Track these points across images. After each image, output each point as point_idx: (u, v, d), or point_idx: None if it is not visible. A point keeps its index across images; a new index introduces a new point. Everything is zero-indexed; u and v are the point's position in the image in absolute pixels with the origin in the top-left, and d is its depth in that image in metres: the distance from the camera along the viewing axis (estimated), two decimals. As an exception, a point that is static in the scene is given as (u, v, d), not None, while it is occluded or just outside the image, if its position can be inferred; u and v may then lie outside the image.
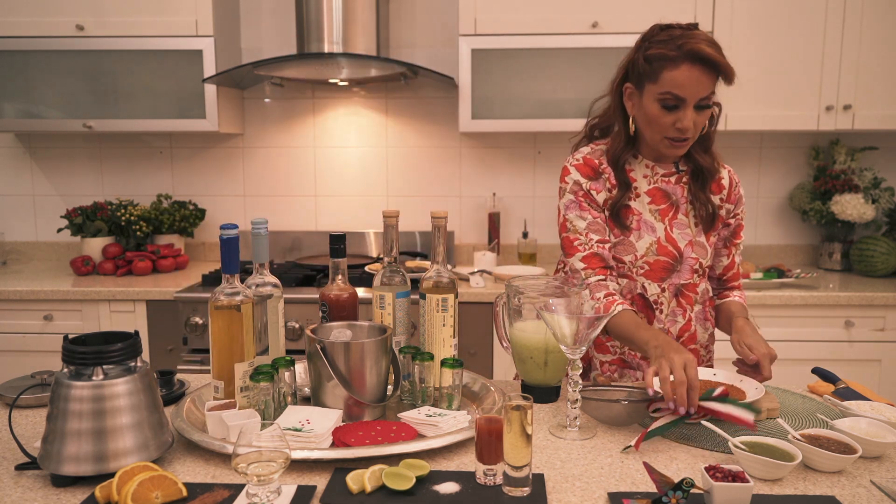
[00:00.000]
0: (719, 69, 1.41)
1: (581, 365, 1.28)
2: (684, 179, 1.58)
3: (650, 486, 1.08)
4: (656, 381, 1.30)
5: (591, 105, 1.68)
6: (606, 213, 1.56)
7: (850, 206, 2.87)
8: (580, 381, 1.27)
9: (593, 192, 1.55)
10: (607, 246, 1.55)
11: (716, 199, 1.59)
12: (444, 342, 1.41)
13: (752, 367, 1.41)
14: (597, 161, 1.57)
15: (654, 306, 1.57)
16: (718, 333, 1.68)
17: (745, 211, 1.66)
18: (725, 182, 1.61)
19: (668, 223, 1.56)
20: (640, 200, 1.56)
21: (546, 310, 1.28)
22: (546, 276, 1.78)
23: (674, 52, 1.44)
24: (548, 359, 1.43)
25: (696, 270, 1.58)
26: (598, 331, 1.26)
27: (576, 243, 1.54)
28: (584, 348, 1.26)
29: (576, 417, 1.27)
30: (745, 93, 2.75)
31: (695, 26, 1.49)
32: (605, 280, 1.52)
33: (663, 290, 1.57)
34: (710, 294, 1.67)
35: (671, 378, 1.24)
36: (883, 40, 2.70)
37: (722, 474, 1.01)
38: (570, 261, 1.55)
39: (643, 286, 1.56)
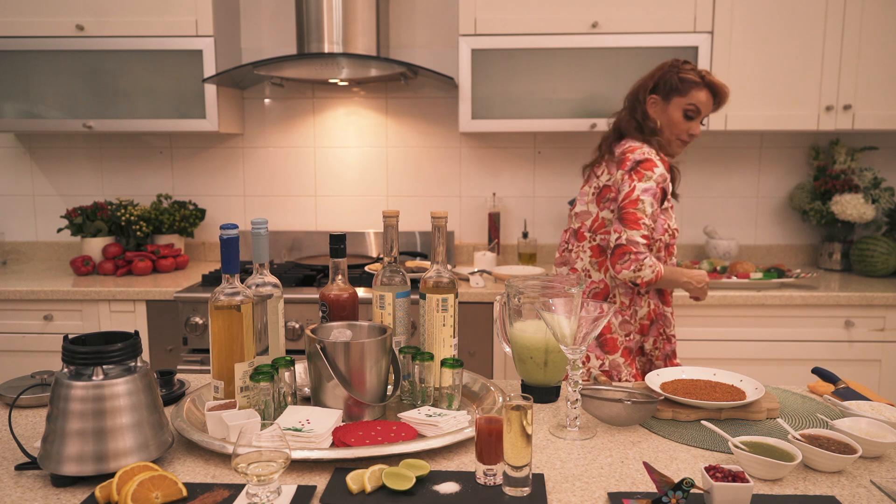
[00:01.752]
0: (722, 101, 2.01)
1: (581, 365, 1.29)
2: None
3: (650, 486, 1.08)
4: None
5: (609, 119, 2.19)
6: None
7: (850, 206, 2.87)
8: (580, 382, 1.28)
9: (666, 188, 1.93)
10: (655, 235, 1.94)
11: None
12: (444, 342, 1.41)
13: None
14: (658, 159, 1.96)
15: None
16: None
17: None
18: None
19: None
20: (655, 196, 1.94)
21: (546, 309, 1.29)
22: (546, 275, 1.80)
23: (700, 79, 1.99)
24: (548, 359, 1.43)
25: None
26: (598, 331, 1.26)
27: (640, 221, 1.87)
28: (583, 348, 1.27)
29: (576, 417, 1.27)
30: (745, 93, 2.76)
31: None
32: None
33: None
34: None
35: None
36: (883, 40, 2.70)
37: (722, 474, 1.01)
38: (629, 232, 1.86)
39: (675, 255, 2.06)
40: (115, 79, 2.86)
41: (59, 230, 3.08)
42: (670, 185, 1.98)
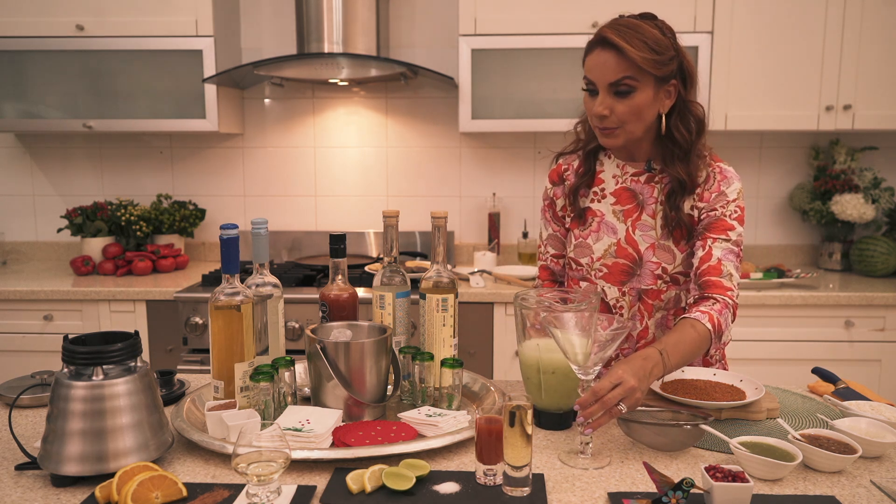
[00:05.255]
0: (621, 50, 1.37)
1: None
2: (656, 179, 1.50)
3: (650, 486, 1.08)
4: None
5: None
6: (569, 217, 1.58)
7: (850, 206, 2.87)
8: None
9: (554, 198, 1.60)
10: (561, 261, 1.62)
11: (688, 203, 1.47)
12: (444, 342, 1.41)
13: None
14: (565, 166, 1.61)
15: (614, 310, 1.51)
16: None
17: (730, 208, 1.46)
18: (701, 180, 1.47)
19: (630, 224, 1.50)
20: (604, 202, 1.53)
21: (555, 325, 1.18)
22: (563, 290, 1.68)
23: (591, 39, 1.45)
24: (542, 380, 1.31)
25: (660, 276, 1.48)
26: (614, 350, 1.16)
27: (539, 250, 1.66)
28: (597, 369, 1.17)
29: (588, 443, 1.18)
30: (746, 93, 2.76)
31: (643, 15, 1.45)
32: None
33: (623, 293, 1.50)
34: (684, 303, 1.51)
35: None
36: (883, 40, 2.70)
37: (722, 474, 1.01)
38: None
39: (603, 290, 1.51)
40: (115, 79, 2.86)
41: (59, 230, 3.07)
42: (557, 199, 1.59)
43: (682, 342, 1.31)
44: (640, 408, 1.26)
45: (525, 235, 3.10)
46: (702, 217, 1.46)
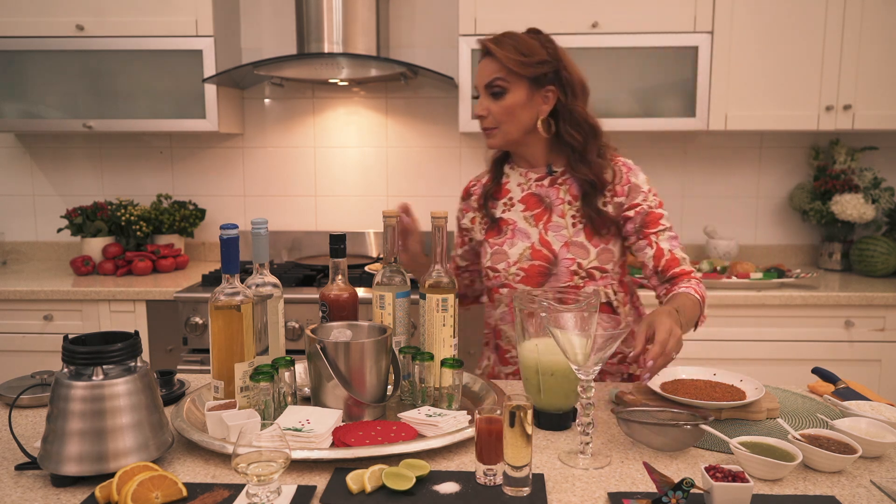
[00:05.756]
0: (493, 53, 1.51)
1: (594, 386, 1.17)
2: (560, 181, 1.60)
3: (650, 486, 1.08)
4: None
5: None
6: (483, 227, 1.67)
7: (850, 206, 2.87)
8: (593, 404, 1.17)
9: (461, 212, 1.73)
10: (464, 275, 1.78)
11: (600, 199, 1.56)
12: (444, 342, 1.41)
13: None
14: (472, 182, 1.72)
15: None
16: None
17: (650, 199, 1.56)
18: (609, 176, 1.57)
19: (542, 227, 1.58)
20: (514, 210, 1.62)
21: (554, 325, 1.18)
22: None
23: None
24: (541, 382, 1.31)
25: (576, 272, 1.55)
26: (614, 348, 1.16)
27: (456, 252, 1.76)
28: (598, 368, 1.16)
29: (588, 443, 1.17)
30: (746, 93, 2.76)
31: (528, 30, 1.60)
32: None
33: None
34: (608, 300, 1.57)
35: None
36: (883, 40, 2.70)
37: (722, 474, 1.01)
38: None
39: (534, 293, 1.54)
40: (115, 79, 2.86)
41: (59, 230, 3.07)
42: (467, 213, 1.70)
43: (686, 307, 1.42)
44: (640, 408, 1.28)
45: (525, 235, 3.10)
46: (626, 214, 1.56)
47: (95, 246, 2.97)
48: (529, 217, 1.59)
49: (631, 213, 1.56)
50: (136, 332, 1.18)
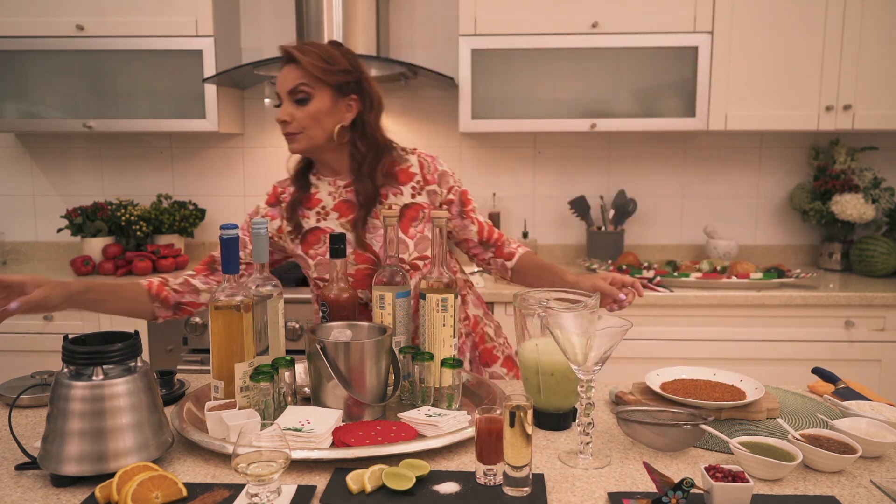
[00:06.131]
0: (295, 60, 1.53)
1: (594, 386, 1.17)
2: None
3: (650, 486, 1.08)
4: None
5: None
6: (289, 237, 1.64)
7: (850, 206, 2.87)
8: (594, 404, 1.17)
9: (265, 217, 1.63)
10: (200, 279, 1.62)
11: (406, 189, 1.61)
12: (444, 342, 1.41)
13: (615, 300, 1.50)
14: (280, 189, 1.69)
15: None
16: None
17: (457, 181, 1.66)
18: (415, 168, 1.63)
19: (359, 231, 1.59)
20: (329, 219, 1.62)
21: (554, 324, 1.19)
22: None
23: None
24: (541, 382, 1.31)
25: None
26: (615, 348, 1.15)
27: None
28: (598, 368, 1.16)
29: (588, 443, 1.17)
30: (746, 93, 2.76)
31: (330, 42, 1.62)
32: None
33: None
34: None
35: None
36: (883, 40, 2.70)
37: (722, 474, 1.01)
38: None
39: (359, 295, 1.56)
40: (115, 79, 2.86)
41: (59, 230, 3.07)
42: (273, 221, 1.66)
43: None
44: (640, 408, 1.28)
45: (525, 235, 3.10)
46: (449, 198, 1.64)
47: (95, 246, 2.97)
48: (346, 224, 1.60)
49: (452, 197, 1.65)
50: (136, 332, 1.19)
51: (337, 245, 1.44)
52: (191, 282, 1.60)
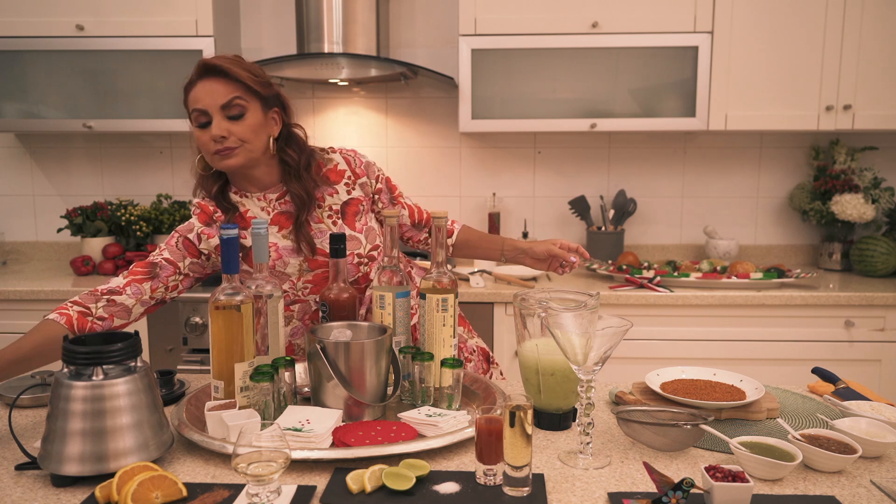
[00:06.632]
0: (227, 74, 1.48)
1: (594, 386, 1.17)
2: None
3: (650, 486, 1.08)
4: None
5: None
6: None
7: (850, 206, 2.87)
8: (594, 404, 1.17)
9: (203, 235, 1.59)
10: (145, 296, 1.54)
11: (341, 188, 1.61)
12: (444, 342, 1.41)
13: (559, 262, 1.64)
14: (212, 208, 1.63)
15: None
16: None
17: (380, 169, 1.70)
18: (343, 165, 1.63)
19: (306, 236, 1.57)
20: (271, 234, 1.57)
21: (554, 324, 1.17)
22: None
23: (191, 76, 1.53)
24: (541, 382, 1.31)
25: (360, 262, 1.60)
26: (615, 348, 1.15)
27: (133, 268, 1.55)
28: (598, 368, 1.16)
29: (588, 443, 1.17)
30: (746, 93, 2.76)
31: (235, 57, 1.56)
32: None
33: None
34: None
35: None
36: (883, 40, 2.70)
37: (722, 474, 1.01)
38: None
39: (316, 303, 1.58)
40: (115, 79, 2.86)
41: (59, 230, 3.07)
42: (211, 239, 1.59)
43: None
44: (640, 408, 1.28)
45: (525, 235, 3.10)
46: (378, 188, 1.68)
47: (95, 246, 2.97)
48: (288, 234, 1.57)
49: (381, 186, 1.68)
50: (136, 333, 1.19)
51: (337, 245, 1.44)
52: (116, 301, 1.49)
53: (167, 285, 1.57)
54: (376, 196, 1.68)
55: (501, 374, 1.83)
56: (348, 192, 1.63)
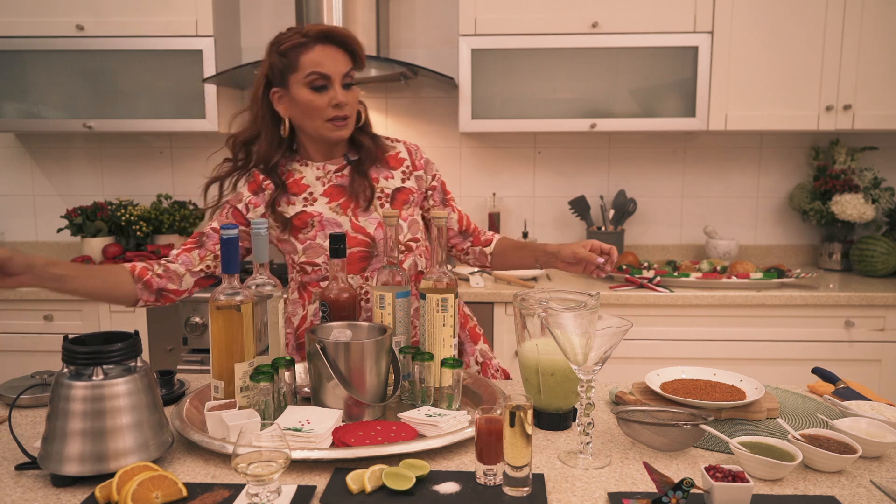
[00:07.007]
0: (349, 46, 1.53)
1: (594, 386, 1.17)
2: (357, 168, 1.62)
3: (650, 486, 1.08)
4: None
5: (231, 120, 1.70)
6: (277, 225, 1.60)
7: (850, 206, 2.87)
8: (594, 404, 1.17)
9: (251, 205, 1.60)
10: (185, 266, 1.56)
11: (397, 174, 1.64)
12: (444, 342, 1.41)
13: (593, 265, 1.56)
14: (262, 177, 1.62)
15: (362, 298, 1.58)
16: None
17: (438, 170, 1.73)
18: (404, 154, 1.67)
19: (352, 214, 1.59)
20: (318, 203, 1.60)
21: (554, 324, 1.17)
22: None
23: (303, 38, 1.52)
24: (541, 382, 1.31)
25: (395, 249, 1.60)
26: (615, 348, 1.15)
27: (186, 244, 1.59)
28: (598, 368, 1.16)
29: (588, 443, 1.17)
30: (746, 93, 2.76)
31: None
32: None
33: (367, 278, 1.59)
34: (421, 267, 1.65)
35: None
36: (883, 40, 2.70)
37: (722, 474, 1.01)
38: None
39: (350, 283, 1.58)
40: (115, 79, 2.86)
41: (59, 230, 3.07)
42: (257, 207, 1.60)
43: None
44: (640, 408, 1.28)
45: (525, 235, 3.10)
46: (433, 185, 1.71)
47: (95, 246, 2.97)
48: (336, 207, 1.59)
49: (436, 184, 1.71)
50: (136, 332, 1.18)
51: (337, 245, 1.44)
52: (170, 268, 1.54)
53: (215, 253, 1.58)
54: (429, 192, 1.70)
55: None
56: (402, 181, 1.65)
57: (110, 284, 1.48)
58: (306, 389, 1.41)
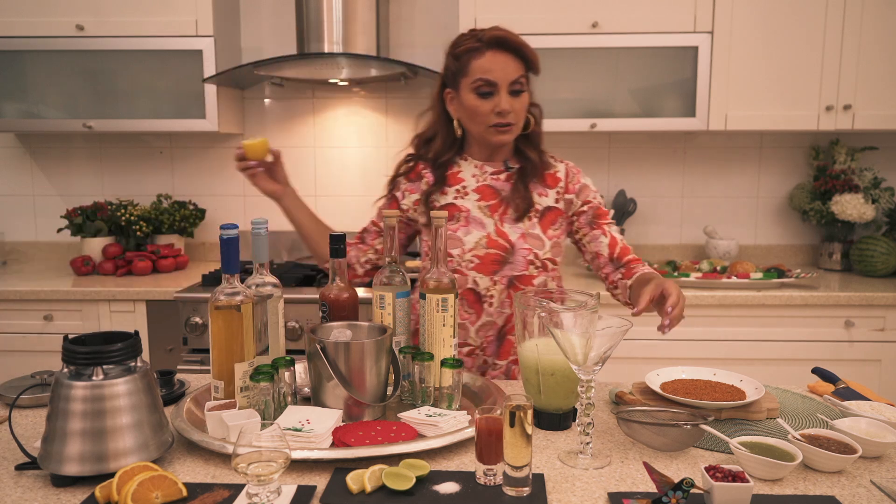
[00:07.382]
0: (521, 52, 1.55)
1: (594, 386, 1.17)
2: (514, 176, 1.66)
3: (650, 486, 1.08)
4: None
5: (418, 119, 1.79)
6: (422, 216, 1.67)
7: (850, 206, 2.87)
8: (594, 404, 1.17)
9: (407, 192, 1.70)
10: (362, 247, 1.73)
11: (552, 193, 1.65)
12: (444, 342, 1.41)
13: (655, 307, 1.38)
14: (422, 166, 1.71)
15: (484, 299, 1.62)
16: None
17: (598, 198, 1.69)
18: (561, 175, 1.67)
19: (498, 218, 1.63)
20: (468, 199, 1.65)
21: (554, 324, 1.17)
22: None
23: (477, 43, 1.56)
24: (541, 382, 1.31)
25: (532, 262, 1.61)
26: (615, 348, 1.16)
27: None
28: (598, 368, 1.16)
29: (588, 443, 1.17)
30: (746, 93, 2.76)
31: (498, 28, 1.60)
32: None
33: (495, 282, 1.61)
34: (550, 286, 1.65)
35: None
36: (883, 40, 2.70)
37: (722, 474, 1.01)
38: None
39: (474, 280, 1.61)
40: (115, 79, 2.86)
41: (59, 230, 3.07)
42: (412, 195, 1.68)
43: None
44: (639, 408, 1.29)
45: (525, 235, 3.10)
46: (582, 208, 1.66)
47: (95, 246, 2.97)
48: (484, 207, 1.63)
49: (585, 209, 1.67)
50: (136, 332, 1.18)
51: (337, 245, 1.44)
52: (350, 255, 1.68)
53: (374, 248, 1.72)
54: (575, 217, 1.67)
55: None
56: (555, 201, 1.66)
57: (324, 234, 1.67)
58: (306, 389, 1.41)
